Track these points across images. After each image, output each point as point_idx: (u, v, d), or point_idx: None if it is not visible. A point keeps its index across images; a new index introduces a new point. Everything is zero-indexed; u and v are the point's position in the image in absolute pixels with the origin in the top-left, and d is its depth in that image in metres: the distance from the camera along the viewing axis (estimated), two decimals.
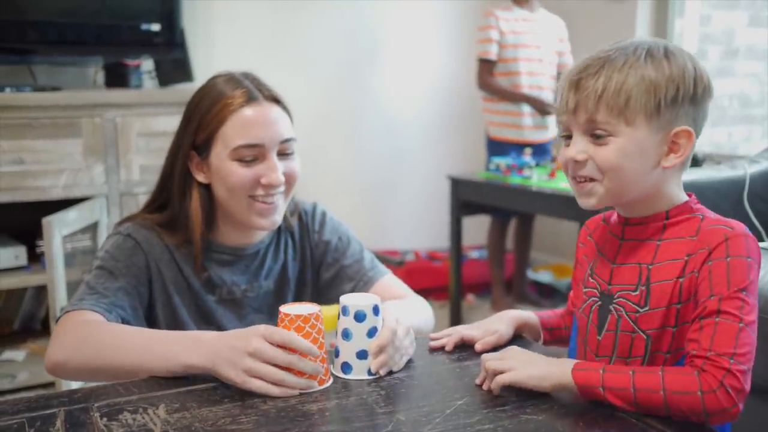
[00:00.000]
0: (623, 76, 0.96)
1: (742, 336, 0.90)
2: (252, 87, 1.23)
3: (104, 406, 0.96)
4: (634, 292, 1.00)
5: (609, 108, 0.97)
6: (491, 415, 0.93)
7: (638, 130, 0.97)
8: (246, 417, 0.93)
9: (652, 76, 0.96)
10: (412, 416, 0.93)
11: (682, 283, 0.97)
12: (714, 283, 0.93)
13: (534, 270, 3.81)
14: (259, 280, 1.32)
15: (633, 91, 0.96)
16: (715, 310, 0.92)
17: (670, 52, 0.98)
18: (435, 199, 3.81)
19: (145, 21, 2.74)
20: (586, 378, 0.93)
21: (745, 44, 3.49)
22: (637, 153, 0.98)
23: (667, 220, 1.01)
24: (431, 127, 3.93)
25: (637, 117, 0.97)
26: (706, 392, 0.88)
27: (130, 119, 2.55)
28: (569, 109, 1.00)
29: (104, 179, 2.53)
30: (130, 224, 1.26)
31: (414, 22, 3.82)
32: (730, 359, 0.89)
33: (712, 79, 1.01)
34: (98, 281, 1.19)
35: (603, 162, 0.98)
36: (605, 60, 0.98)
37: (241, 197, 1.22)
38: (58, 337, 1.12)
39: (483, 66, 3.27)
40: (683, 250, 0.98)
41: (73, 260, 2.29)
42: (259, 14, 3.40)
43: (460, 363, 1.11)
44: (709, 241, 0.96)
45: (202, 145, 1.23)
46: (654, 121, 0.97)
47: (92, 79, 2.93)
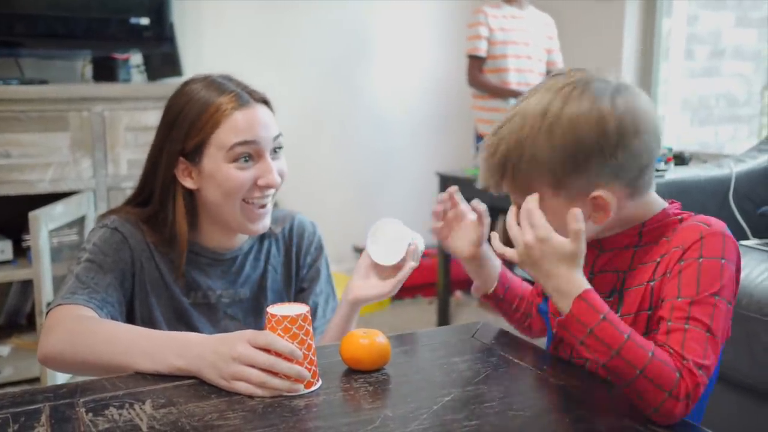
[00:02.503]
0: (517, 156, 0.96)
1: (710, 346, 0.88)
2: (239, 90, 1.23)
3: (90, 402, 0.95)
4: (609, 299, 1.00)
5: (513, 188, 0.99)
6: (478, 411, 0.93)
7: (547, 201, 0.95)
8: (233, 412, 0.92)
9: (544, 154, 0.94)
10: (399, 412, 0.93)
11: (653, 287, 0.95)
12: (683, 284, 0.91)
13: None
14: (236, 286, 1.31)
15: (528, 171, 0.95)
16: (685, 316, 0.89)
17: (577, 109, 0.93)
18: (424, 195, 3.82)
19: (134, 15, 2.73)
20: (584, 310, 0.88)
21: (732, 44, 3.52)
22: (559, 217, 0.93)
23: (643, 228, 1.00)
24: (420, 123, 3.93)
25: (541, 189, 0.95)
26: (672, 397, 0.84)
27: (119, 113, 2.54)
28: (492, 188, 1.02)
29: (92, 173, 2.52)
30: (116, 217, 1.25)
31: (403, 19, 3.82)
32: (699, 370, 0.86)
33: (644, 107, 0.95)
34: (88, 275, 1.19)
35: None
36: (499, 140, 0.98)
37: (236, 201, 1.21)
38: (53, 329, 1.12)
39: (472, 62, 3.28)
40: (658, 252, 0.97)
41: (59, 255, 2.28)
42: (248, 9, 3.39)
43: (448, 359, 1.11)
44: (684, 240, 0.94)
45: (192, 151, 1.21)
46: (562, 191, 0.95)
47: (80, 73, 2.91)
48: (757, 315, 1.68)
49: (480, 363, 1.09)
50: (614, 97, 0.94)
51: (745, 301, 1.71)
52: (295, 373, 0.97)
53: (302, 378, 0.98)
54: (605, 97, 0.94)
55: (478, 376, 1.04)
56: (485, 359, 1.11)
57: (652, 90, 3.51)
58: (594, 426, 0.89)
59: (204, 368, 1.00)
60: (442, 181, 3.20)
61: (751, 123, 3.46)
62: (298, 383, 0.98)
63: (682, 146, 3.16)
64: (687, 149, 2.78)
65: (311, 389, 1.00)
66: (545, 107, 0.95)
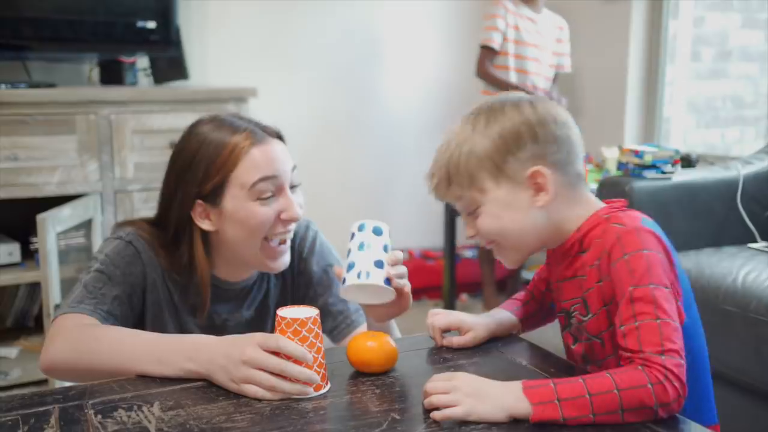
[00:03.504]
0: (456, 156, 1.06)
1: (665, 331, 0.91)
2: (252, 127, 1.22)
3: (99, 404, 0.96)
4: (578, 303, 1.06)
5: (460, 186, 1.06)
6: None
7: (492, 192, 1.04)
8: (241, 415, 0.93)
9: (478, 146, 1.04)
10: (406, 415, 0.93)
11: (602, 287, 1.01)
12: (622, 284, 0.96)
13: (528, 269, 3.82)
14: (241, 310, 1.32)
15: (468, 166, 1.04)
16: (632, 315, 0.93)
17: (499, 110, 1.06)
18: (430, 198, 3.81)
19: (140, 18, 2.73)
20: (540, 394, 0.89)
21: (739, 46, 3.51)
22: (505, 209, 1.04)
23: (583, 237, 1.05)
24: (427, 126, 3.93)
25: (484, 183, 1.04)
26: (655, 384, 0.88)
27: (125, 116, 2.55)
28: (440, 199, 1.13)
29: (98, 176, 2.53)
30: (132, 230, 1.24)
31: (411, 21, 3.82)
32: (661, 356, 0.89)
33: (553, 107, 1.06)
34: (96, 285, 1.18)
35: (483, 231, 1.07)
36: (439, 152, 1.11)
37: (258, 239, 1.21)
38: (55, 338, 1.12)
39: (484, 53, 3.25)
40: (595, 254, 1.02)
41: (66, 257, 2.29)
42: (254, 13, 3.40)
43: (455, 362, 1.11)
44: (605, 243, 0.99)
45: (210, 193, 1.20)
46: (502, 179, 1.04)
47: (87, 76, 2.92)
48: (765, 318, 1.68)
49: (487, 366, 1.09)
50: (532, 101, 1.07)
51: (754, 305, 1.70)
52: (306, 377, 0.97)
53: (312, 381, 0.98)
54: (524, 101, 1.07)
55: None
56: (492, 362, 1.11)
57: (658, 91, 3.51)
58: (602, 428, 0.89)
59: (214, 371, 1.00)
60: None
61: (758, 125, 3.45)
62: (307, 386, 0.98)
63: (688, 148, 3.15)
64: (694, 151, 2.77)
65: (320, 392, 1.00)
66: (468, 122, 1.08)
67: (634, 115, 3.55)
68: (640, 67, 3.52)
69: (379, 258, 1.07)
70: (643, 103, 3.55)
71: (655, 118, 3.53)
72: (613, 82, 3.55)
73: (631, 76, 3.51)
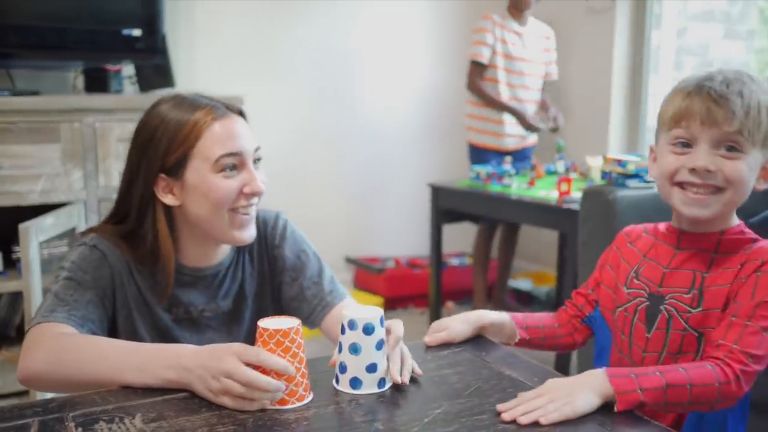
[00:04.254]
0: (757, 101, 1.05)
1: (764, 342, 1.00)
2: (213, 103, 1.24)
3: (79, 416, 0.95)
4: (687, 295, 1.09)
5: (750, 128, 1.05)
6: (469, 424, 0.93)
7: (757, 153, 1.07)
8: (223, 426, 0.92)
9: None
10: (390, 425, 0.93)
11: (733, 287, 1.06)
12: (758, 290, 1.03)
13: (513, 278, 3.83)
14: (217, 300, 1.31)
15: (765, 118, 1.06)
16: (750, 314, 1.02)
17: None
18: (417, 206, 3.83)
19: (126, 26, 2.73)
20: (623, 384, 0.96)
21: (721, 56, 3.55)
22: (752, 171, 1.08)
23: (722, 237, 1.11)
24: (414, 135, 3.95)
25: (761, 141, 1.07)
26: (723, 384, 0.98)
27: (110, 124, 2.54)
28: (707, 120, 1.05)
29: (82, 185, 2.51)
30: (95, 235, 1.25)
31: (397, 31, 3.83)
32: (749, 357, 0.99)
33: None
34: (67, 292, 1.18)
35: (733, 174, 1.06)
36: (741, 83, 1.06)
37: (224, 211, 1.22)
38: (32, 349, 1.11)
39: (474, 68, 3.29)
40: (738, 261, 1.08)
41: (49, 266, 2.27)
42: (241, 21, 3.40)
43: (439, 372, 1.11)
44: (764, 255, 1.06)
45: (173, 166, 1.21)
46: (765, 148, 1.08)
47: (72, 84, 2.91)
48: None
49: (471, 375, 1.09)
50: None
51: None
52: (273, 387, 0.97)
53: (279, 390, 0.98)
54: None
55: (468, 389, 1.04)
56: (476, 372, 1.11)
57: (642, 101, 3.54)
58: None
59: (192, 381, 1.00)
60: (434, 192, 3.21)
61: None
62: (280, 388, 0.98)
63: None
64: None
65: (303, 402, 1.00)
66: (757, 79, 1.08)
67: (618, 125, 3.58)
68: (624, 77, 3.55)
69: (372, 361, 1.03)
70: (627, 112, 3.58)
71: (639, 127, 3.56)
72: (597, 92, 3.58)
73: (615, 85, 3.54)
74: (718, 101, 1.04)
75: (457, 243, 3.88)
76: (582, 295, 1.29)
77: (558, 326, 1.27)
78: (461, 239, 3.83)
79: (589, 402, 0.95)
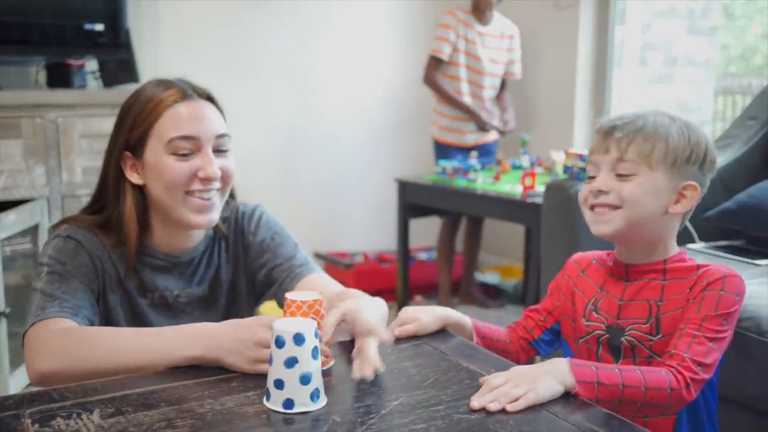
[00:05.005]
0: (652, 128, 1.15)
1: (712, 353, 1.08)
2: (185, 86, 1.25)
3: (36, 413, 0.95)
4: (645, 325, 1.17)
5: (638, 151, 1.15)
6: (425, 415, 0.95)
7: (656, 174, 1.15)
8: (182, 421, 0.93)
9: (674, 136, 1.15)
10: (348, 417, 0.95)
11: (684, 311, 1.14)
12: (704, 305, 1.11)
13: (481, 271, 3.87)
14: (192, 285, 1.32)
15: (658, 143, 1.14)
16: (698, 325, 1.10)
17: (689, 125, 1.18)
18: (385, 201, 3.84)
19: (89, 21, 2.70)
20: (584, 374, 1.01)
21: (684, 52, 3.61)
22: (653, 192, 1.15)
23: (666, 266, 1.18)
24: (380, 130, 3.96)
25: (658, 164, 1.15)
26: (674, 390, 1.04)
27: (73, 120, 2.51)
28: (599, 151, 1.18)
29: (45, 181, 2.49)
30: (67, 226, 1.25)
31: (364, 25, 3.84)
32: (698, 366, 1.06)
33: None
34: (52, 286, 1.18)
35: (626, 193, 1.15)
36: (636, 116, 1.17)
37: (177, 193, 1.22)
38: (41, 348, 1.10)
39: (432, 63, 3.30)
40: (686, 286, 1.15)
41: (12, 263, 2.25)
42: (206, 15, 3.38)
43: (398, 364, 1.13)
44: (710, 276, 1.14)
45: (135, 144, 1.23)
46: (669, 172, 1.15)
47: (34, 79, 2.87)
48: None
49: (429, 368, 1.11)
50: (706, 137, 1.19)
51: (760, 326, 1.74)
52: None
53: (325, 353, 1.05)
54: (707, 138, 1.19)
55: (426, 381, 1.06)
56: (435, 364, 1.13)
57: (606, 96, 3.59)
58: (536, 427, 0.92)
59: (225, 355, 1.05)
60: (400, 187, 3.23)
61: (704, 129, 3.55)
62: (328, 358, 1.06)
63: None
64: None
65: (326, 367, 1.08)
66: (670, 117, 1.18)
67: (583, 120, 3.62)
68: (588, 72, 3.59)
69: (306, 371, 0.96)
70: (591, 107, 3.62)
71: None
72: (562, 87, 3.62)
73: (580, 81, 3.58)
74: (610, 131, 1.17)
75: (425, 237, 3.90)
76: (533, 319, 1.33)
77: (509, 342, 1.31)
78: (430, 234, 3.86)
79: (552, 389, 0.99)
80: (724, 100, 3.94)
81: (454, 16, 3.29)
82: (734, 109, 3.83)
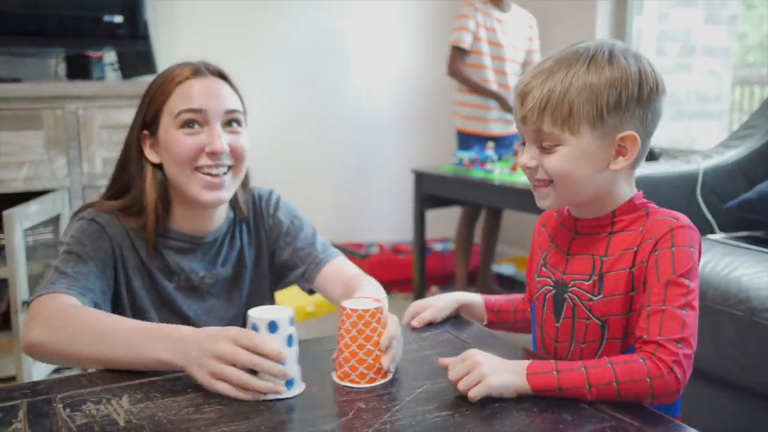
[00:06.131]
0: (565, 86, 1.00)
1: (687, 321, 0.96)
2: (199, 65, 1.27)
3: (67, 398, 0.97)
4: (587, 282, 1.06)
5: (553, 119, 1.01)
6: (449, 403, 0.96)
7: (583, 138, 1.01)
8: (209, 406, 0.94)
9: (593, 83, 1.00)
10: (372, 404, 0.96)
11: (634, 272, 1.02)
12: (660, 271, 0.99)
13: (497, 262, 3.87)
14: (216, 267, 1.33)
15: (575, 100, 0.99)
16: (662, 298, 0.97)
17: (613, 56, 1.01)
18: (401, 192, 3.84)
19: (107, 12, 2.72)
20: (541, 382, 0.95)
21: (702, 42, 3.58)
22: (584, 159, 1.02)
23: (615, 217, 1.07)
24: (398, 121, 3.96)
25: (581, 126, 1.00)
26: (655, 378, 0.93)
27: (93, 111, 2.53)
28: (518, 119, 1.05)
29: (66, 172, 2.51)
30: (92, 209, 1.27)
31: (381, 17, 3.84)
32: (677, 344, 0.94)
33: (662, 76, 1.04)
34: (67, 265, 1.19)
35: (550, 169, 1.03)
36: (549, 71, 1.02)
37: (186, 169, 1.23)
38: (36, 319, 1.12)
39: (455, 53, 3.29)
40: (633, 242, 1.04)
41: (34, 253, 2.28)
42: (223, 7, 3.39)
43: (420, 353, 1.14)
44: (656, 232, 1.02)
45: (151, 121, 1.25)
46: (598, 128, 1.01)
47: (53, 71, 2.90)
48: (723, 307, 1.73)
49: (451, 356, 1.11)
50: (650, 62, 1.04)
51: (711, 294, 1.76)
52: (279, 373, 0.96)
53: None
54: (643, 57, 1.04)
55: None
56: (457, 352, 1.13)
57: None
58: (560, 415, 0.92)
59: (188, 363, 0.99)
60: (417, 178, 3.23)
61: (722, 119, 3.53)
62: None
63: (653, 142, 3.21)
64: (658, 145, 2.82)
65: (376, 383, 1.02)
66: (591, 56, 1.01)
67: None
68: None
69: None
70: None
71: None
72: None
73: None
74: (520, 99, 1.04)
75: (441, 228, 3.90)
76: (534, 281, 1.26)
77: (527, 310, 1.26)
78: (446, 224, 3.86)
79: (499, 391, 0.95)
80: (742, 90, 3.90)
81: (472, 6, 3.28)
82: (752, 100, 3.80)
